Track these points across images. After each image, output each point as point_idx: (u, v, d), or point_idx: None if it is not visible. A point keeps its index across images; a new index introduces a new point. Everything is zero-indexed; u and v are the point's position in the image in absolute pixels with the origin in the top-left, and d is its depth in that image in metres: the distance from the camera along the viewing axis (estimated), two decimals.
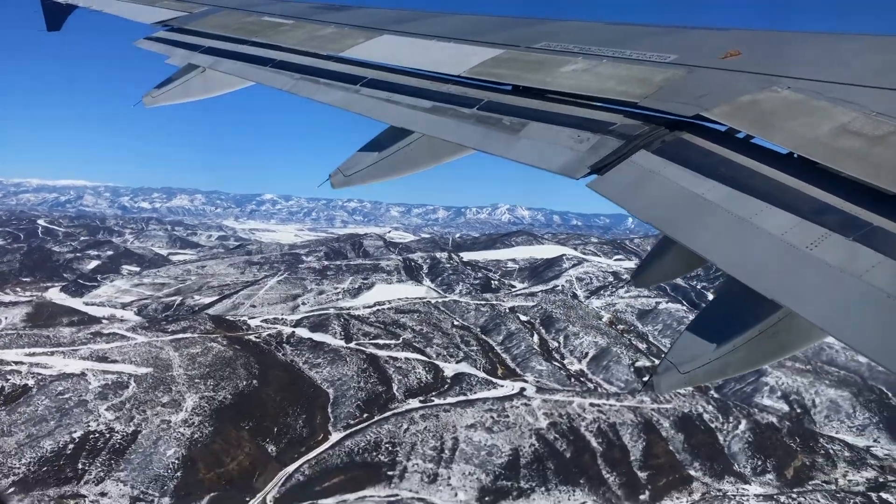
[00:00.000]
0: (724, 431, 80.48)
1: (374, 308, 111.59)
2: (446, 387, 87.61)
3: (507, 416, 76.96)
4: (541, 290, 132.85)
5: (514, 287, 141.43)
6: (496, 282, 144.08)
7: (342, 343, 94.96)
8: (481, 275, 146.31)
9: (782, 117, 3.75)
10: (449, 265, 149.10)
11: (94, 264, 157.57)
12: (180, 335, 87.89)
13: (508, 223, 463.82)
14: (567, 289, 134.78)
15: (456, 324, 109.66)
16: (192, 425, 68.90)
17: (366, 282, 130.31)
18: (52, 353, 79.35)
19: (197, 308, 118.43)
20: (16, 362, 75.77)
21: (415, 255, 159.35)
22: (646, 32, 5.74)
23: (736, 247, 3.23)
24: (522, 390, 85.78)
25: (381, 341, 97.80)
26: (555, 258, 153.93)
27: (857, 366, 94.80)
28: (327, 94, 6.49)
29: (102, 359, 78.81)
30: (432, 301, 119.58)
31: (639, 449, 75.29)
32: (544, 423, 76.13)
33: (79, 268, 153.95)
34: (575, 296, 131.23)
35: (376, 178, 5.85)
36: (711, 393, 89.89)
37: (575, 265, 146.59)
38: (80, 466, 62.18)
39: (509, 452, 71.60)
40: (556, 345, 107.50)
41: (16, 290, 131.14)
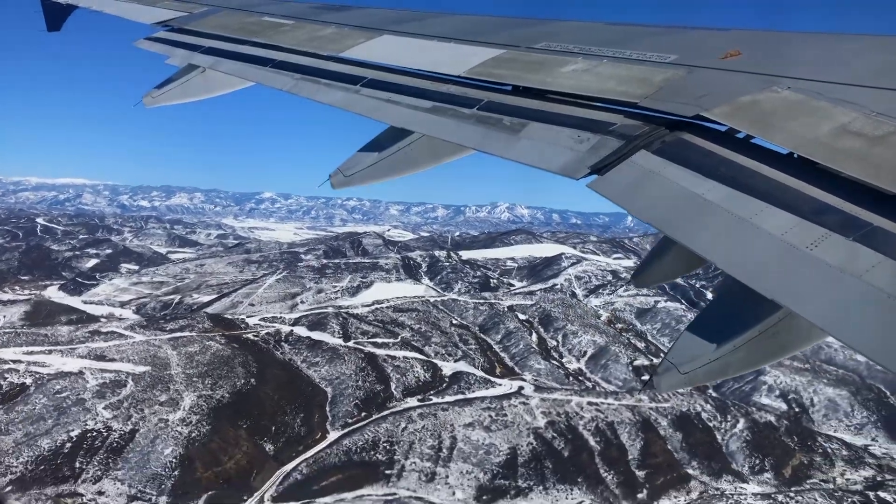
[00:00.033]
0: (723, 430, 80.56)
1: (373, 307, 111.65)
2: (444, 385, 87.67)
3: (506, 415, 77.00)
4: (539, 289, 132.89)
5: (512, 286, 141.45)
6: (495, 280, 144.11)
7: (340, 342, 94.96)
8: (480, 273, 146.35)
9: (782, 117, 3.76)
10: (448, 264, 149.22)
11: (92, 263, 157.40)
12: (178, 334, 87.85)
13: (508, 222, 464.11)
14: (566, 287, 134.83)
15: (454, 322, 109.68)
16: (189, 424, 68.89)
17: (364, 280, 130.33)
18: (50, 352, 79.29)
19: (195, 306, 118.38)
20: (14, 361, 75.71)
21: (414, 253, 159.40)
22: (646, 32, 5.74)
23: (736, 247, 3.24)
24: (521, 389, 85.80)
25: (380, 340, 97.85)
26: (554, 257, 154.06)
27: (855, 365, 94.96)
28: (327, 95, 6.50)
29: (100, 357, 78.76)
30: (431, 300, 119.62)
31: (637, 448, 75.38)
32: (542, 422, 76.19)
33: (77, 266, 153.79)
34: (574, 294, 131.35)
35: (376, 178, 5.85)
36: (710, 392, 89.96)
37: (574, 264, 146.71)
38: (77, 465, 62.15)
39: (507, 451, 71.64)
40: (555, 343, 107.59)
41: (14, 288, 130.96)
